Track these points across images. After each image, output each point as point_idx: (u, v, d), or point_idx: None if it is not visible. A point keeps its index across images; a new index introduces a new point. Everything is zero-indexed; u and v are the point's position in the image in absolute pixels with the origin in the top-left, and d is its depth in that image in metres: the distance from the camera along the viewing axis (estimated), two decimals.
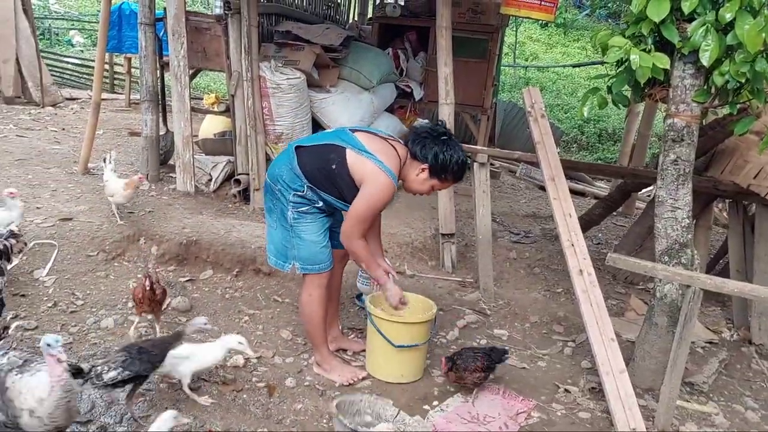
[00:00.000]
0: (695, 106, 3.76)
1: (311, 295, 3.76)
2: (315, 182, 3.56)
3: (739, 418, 3.96)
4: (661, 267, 3.64)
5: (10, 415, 2.43)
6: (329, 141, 3.58)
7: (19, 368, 2.51)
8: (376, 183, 3.44)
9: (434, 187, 3.68)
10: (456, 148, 3.58)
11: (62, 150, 6.98)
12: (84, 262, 4.58)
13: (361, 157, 3.46)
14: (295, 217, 3.61)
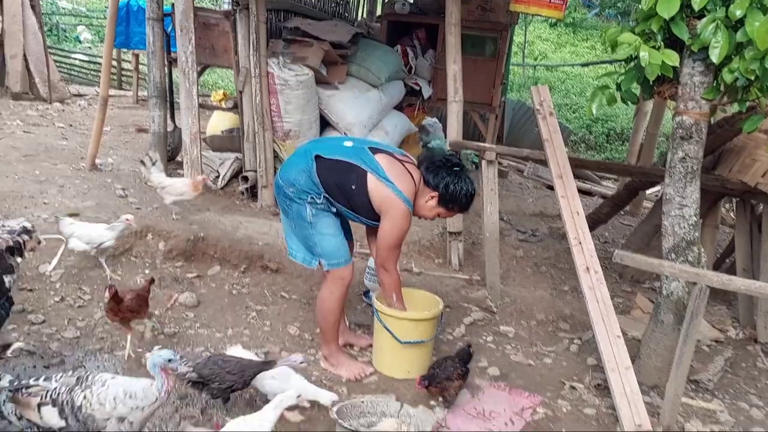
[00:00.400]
0: (704, 103, 3.75)
1: (332, 293, 3.80)
2: (331, 194, 3.66)
3: (744, 415, 3.96)
4: (668, 264, 3.64)
5: (90, 429, 2.52)
6: (351, 160, 3.64)
7: (79, 385, 2.59)
8: (396, 213, 3.60)
9: (440, 215, 3.83)
10: (467, 180, 3.73)
11: (69, 146, 7.02)
12: (91, 257, 4.59)
13: (381, 185, 3.58)
14: (314, 213, 3.67)
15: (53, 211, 4.98)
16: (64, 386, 2.58)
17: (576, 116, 16.07)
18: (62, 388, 2.57)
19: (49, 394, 2.54)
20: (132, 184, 6.10)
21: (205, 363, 3.18)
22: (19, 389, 2.56)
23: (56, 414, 2.51)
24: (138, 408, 2.58)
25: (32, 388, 2.56)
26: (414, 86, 8.35)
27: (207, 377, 3.11)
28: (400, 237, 3.69)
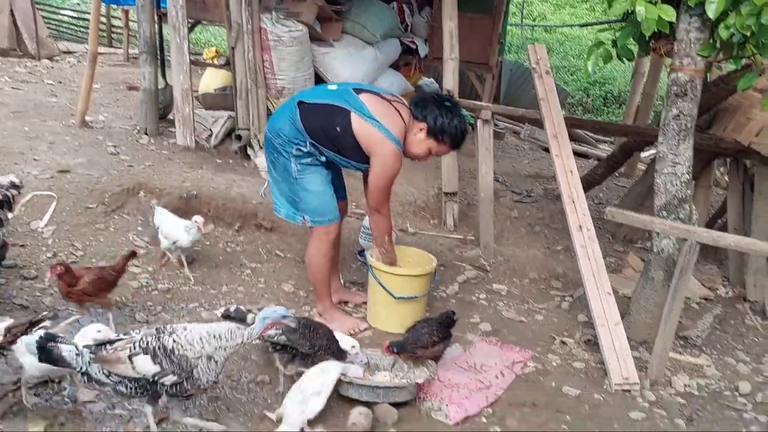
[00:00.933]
0: (700, 60, 3.73)
1: (319, 249, 3.79)
2: (317, 140, 3.57)
3: (731, 370, 4.03)
4: (659, 221, 3.66)
5: (184, 369, 2.58)
6: (334, 102, 3.55)
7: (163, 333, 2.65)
8: (386, 154, 3.51)
9: (431, 150, 3.67)
10: (458, 115, 3.60)
11: (59, 103, 6.94)
12: (83, 214, 4.59)
13: (366, 124, 3.48)
14: (299, 169, 3.61)
15: (44, 167, 4.95)
16: (149, 336, 2.63)
17: (574, 78, 15.94)
18: (148, 338, 2.62)
19: (137, 344, 2.58)
20: (124, 141, 6.05)
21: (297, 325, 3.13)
22: (100, 346, 2.59)
23: (150, 361, 2.56)
24: (221, 348, 2.65)
25: (116, 344, 2.60)
26: (410, 45, 8.21)
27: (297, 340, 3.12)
28: (390, 177, 3.59)
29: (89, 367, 2.55)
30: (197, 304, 3.90)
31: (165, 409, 2.77)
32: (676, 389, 3.69)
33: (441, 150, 3.71)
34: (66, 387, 2.92)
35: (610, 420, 3.33)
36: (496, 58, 8.97)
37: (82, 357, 2.54)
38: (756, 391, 3.79)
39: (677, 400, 3.60)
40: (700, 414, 3.51)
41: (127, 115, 7.01)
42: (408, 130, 3.59)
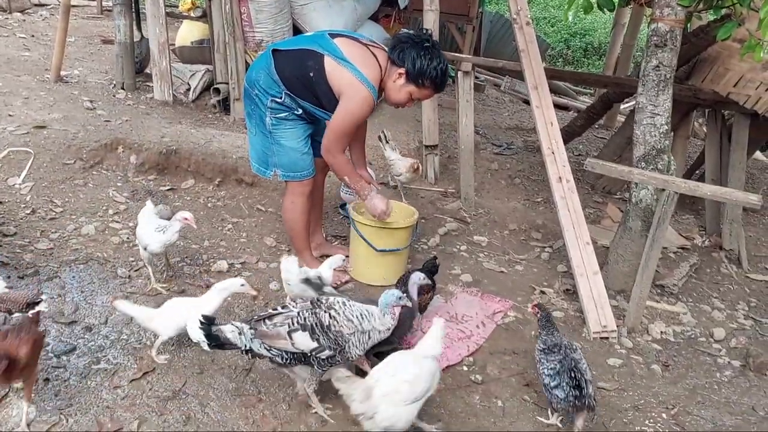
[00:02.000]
0: (680, 9, 3.72)
1: (294, 203, 3.77)
2: (293, 89, 3.48)
3: (706, 317, 4.14)
4: (637, 171, 3.70)
5: (340, 344, 2.62)
6: (307, 46, 3.46)
7: (319, 308, 2.67)
8: (355, 96, 3.36)
9: (413, 96, 3.54)
10: (437, 55, 3.43)
11: (32, 57, 6.77)
12: (61, 170, 4.53)
13: (339, 66, 3.36)
14: (274, 123, 3.56)
15: (19, 123, 4.86)
16: (306, 311, 2.65)
17: (554, 30, 15.82)
18: (305, 313, 2.63)
19: (295, 320, 2.60)
20: (100, 96, 5.95)
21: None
22: (260, 321, 2.62)
23: (308, 336, 2.58)
24: (375, 330, 2.71)
25: (275, 318, 2.62)
26: None
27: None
28: (353, 122, 3.44)
29: (251, 343, 2.58)
30: (179, 259, 3.90)
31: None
32: (652, 336, 3.80)
33: (423, 94, 3.57)
34: (50, 343, 2.92)
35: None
36: (476, 10, 8.89)
37: (244, 335, 2.57)
38: (730, 337, 3.91)
39: (654, 347, 3.70)
40: (676, 359, 3.62)
41: (102, 69, 6.86)
42: (386, 75, 3.48)
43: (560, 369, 2.81)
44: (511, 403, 3.04)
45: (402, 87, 3.48)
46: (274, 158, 3.65)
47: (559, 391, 2.78)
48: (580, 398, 2.74)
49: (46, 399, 2.60)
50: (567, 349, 2.91)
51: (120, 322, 3.15)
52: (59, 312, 3.16)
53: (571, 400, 2.75)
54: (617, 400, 3.18)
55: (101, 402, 2.64)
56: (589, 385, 2.76)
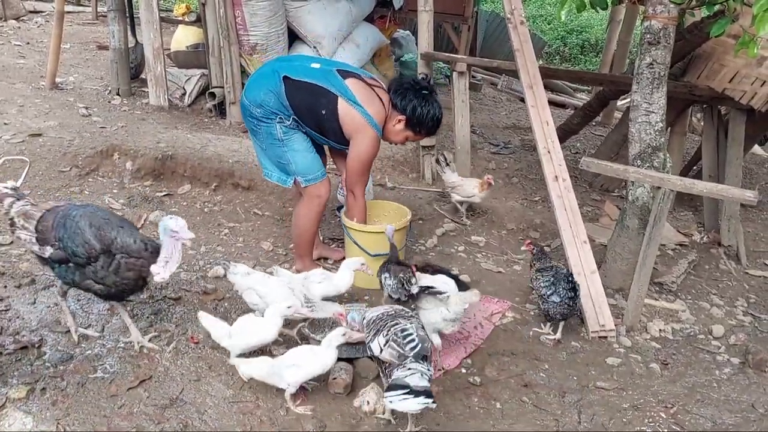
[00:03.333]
0: (672, 7, 3.71)
1: (310, 210, 3.84)
2: (301, 117, 3.63)
3: (705, 314, 4.13)
4: (633, 169, 3.69)
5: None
6: (321, 84, 3.58)
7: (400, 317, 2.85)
8: (365, 138, 3.61)
9: (408, 138, 3.84)
10: (434, 104, 3.73)
11: (28, 65, 6.77)
12: (57, 177, 4.53)
13: (351, 109, 3.58)
14: (284, 131, 3.64)
15: (15, 131, 4.86)
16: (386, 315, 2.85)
17: (551, 28, 15.81)
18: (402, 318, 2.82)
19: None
20: (95, 102, 5.95)
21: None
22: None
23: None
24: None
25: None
26: None
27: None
28: (368, 162, 3.73)
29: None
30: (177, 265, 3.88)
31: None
32: (651, 334, 3.78)
33: (417, 138, 3.91)
34: (46, 352, 2.92)
35: (587, 366, 3.41)
36: (471, 9, 8.87)
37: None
38: (729, 334, 3.90)
39: (653, 345, 3.69)
40: (675, 358, 3.60)
41: (97, 75, 6.86)
42: (388, 118, 3.72)
43: (554, 280, 3.44)
44: (509, 405, 3.04)
45: (401, 131, 3.78)
46: (291, 166, 3.74)
47: (555, 297, 3.40)
48: (573, 300, 3.40)
49: (43, 408, 2.60)
50: (558, 269, 3.54)
51: (117, 331, 3.15)
52: (56, 321, 3.16)
53: (566, 302, 3.38)
54: (616, 399, 3.17)
55: (99, 411, 2.63)
56: (579, 294, 3.46)
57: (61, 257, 2.84)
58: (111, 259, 2.82)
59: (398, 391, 2.49)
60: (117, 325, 3.18)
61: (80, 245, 2.78)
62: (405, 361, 2.61)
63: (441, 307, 3.09)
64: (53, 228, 2.86)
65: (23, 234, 2.94)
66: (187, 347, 3.10)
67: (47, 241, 2.85)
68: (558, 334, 3.57)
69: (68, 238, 2.80)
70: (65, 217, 2.87)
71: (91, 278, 2.85)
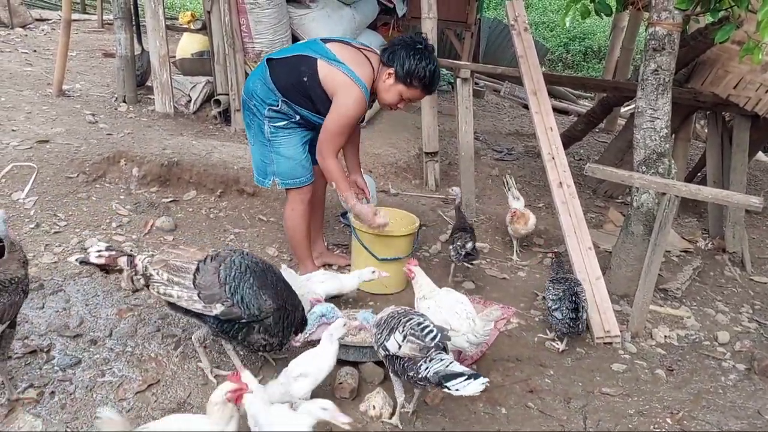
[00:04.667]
0: (677, 13, 3.73)
1: (294, 210, 3.80)
2: (289, 96, 3.51)
3: (710, 320, 4.13)
4: (638, 176, 3.70)
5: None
6: (300, 52, 3.50)
7: (411, 314, 2.76)
8: (347, 95, 3.40)
9: (402, 96, 3.55)
10: (427, 56, 3.45)
11: (35, 72, 6.80)
12: (64, 183, 4.55)
13: (332, 68, 3.40)
14: (272, 131, 3.60)
15: (22, 138, 4.89)
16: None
17: (553, 34, 15.86)
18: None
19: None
20: (102, 109, 5.97)
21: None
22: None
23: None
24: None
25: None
26: (387, 4, 8.13)
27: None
28: (347, 122, 3.46)
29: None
30: None
31: None
32: (656, 341, 3.79)
33: (413, 95, 3.57)
34: (55, 356, 2.94)
35: (592, 372, 3.42)
36: (474, 16, 8.91)
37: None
38: (734, 341, 3.90)
39: (658, 351, 3.70)
40: (680, 364, 3.61)
41: (104, 82, 6.89)
42: (377, 77, 3.52)
43: (562, 296, 3.48)
44: (515, 411, 3.04)
45: (391, 87, 3.52)
46: (272, 166, 3.69)
47: (558, 313, 3.46)
48: (575, 321, 3.42)
49: (52, 412, 2.61)
50: (572, 283, 3.57)
51: (125, 335, 3.17)
52: (64, 325, 3.17)
53: (567, 321, 3.43)
54: (621, 405, 3.17)
55: None
56: (583, 313, 3.46)
57: (236, 315, 2.69)
58: (282, 314, 2.78)
59: (458, 378, 2.44)
60: (125, 329, 3.20)
61: (261, 304, 2.70)
62: (430, 353, 2.56)
63: (468, 334, 3.01)
64: (223, 283, 2.68)
65: (174, 291, 2.71)
66: (194, 352, 3.10)
67: (215, 298, 2.68)
68: (562, 345, 3.57)
69: (251, 296, 2.68)
70: (232, 269, 2.71)
71: (262, 333, 2.76)
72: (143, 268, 2.79)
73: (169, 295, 2.73)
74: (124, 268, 2.80)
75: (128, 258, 2.82)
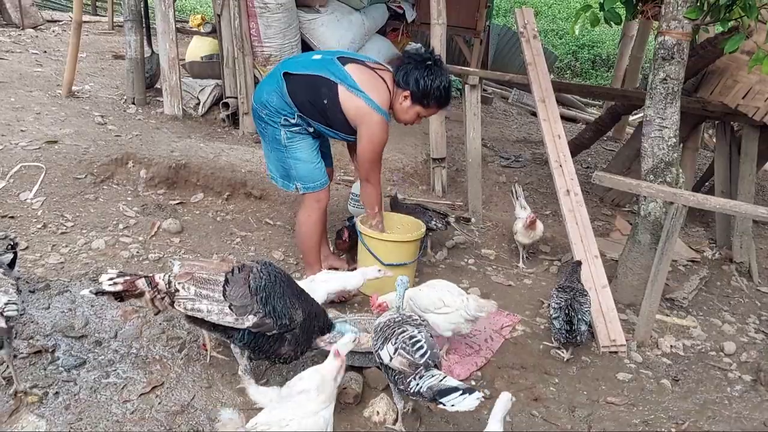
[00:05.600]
0: (687, 23, 3.72)
1: (309, 217, 3.82)
2: (305, 112, 3.58)
3: (716, 330, 4.11)
4: (646, 184, 3.69)
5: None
6: (320, 73, 3.54)
7: (407, 324, 2.76)
8: (371, 124, 3.51)
9: (420, 115, 3.69)
10: (440, 73, 3.54)
11: (45, 73, 6.84)
12: (72, 184, 4.57)
13: (352, 96, 3.49)
14: (289, 136, 3.63)
15: (31, 138, 4.91)
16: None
17: (562, 42, 15.84)
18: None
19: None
20: (111, 111, 6.00)
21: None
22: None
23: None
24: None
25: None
26: (397, 9, 8.15)
27: None
28: (377, 148, 3.61)
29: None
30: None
31: None
32: (662, 350, 3.77)
33: (430, 112, 3.71)
34: (60, 357, 2.94)
35: (597, 381, 3.40)
36: (484, 23, 8.92)
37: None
38: (741, 351, 3.88)
39: (664, 361, 3.68)
40: (686, 374, 3.59)
41: (113, 84, 6.92)
42: (394, 98, 3.60)
43: (563, 305, 3.49)
44: (519, 418, 3.03)
45: (409, 108, 3.63)
46: (293, 172, 3.72)
47: (556, 322, 3.48)
48: (570, 332, 3.43)
49: (56, 413, 2.62)
50: (576, 293, 3.56)
51: (130, 337, 3.17)
52: (69, 326, 3.18)
53: (563, 332, 3.45)
54: (626, 415, 3.15)
55: (111, 416, 2.65)
56: (581, 324, 3.44)
57: (267, 327, 2.65)
58: (308, 324, 2.77)
59: (453, 393, 2.43)
60: (130, 331, 3.21)
61: (292, 314, 2.69)
62: (419, 370, 2.54)
63: (461, 310, 3.19)
64: (254, 293, 2.64)
65: (203, 305, 2.62)
66: (199, 354, 3.11)
67: (247, 310, 2.62)
68: (567, 354, 3.56)
69: (282, 306, 2.66)
70: (262, 279, 2.68)
71: (291, 345, 2.74)
72: (166, 284, 2.65)
73: (198, 309, 2.62)
74: (145, 290, 2.65)
75: (146, 279, 2.68)
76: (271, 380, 3.01)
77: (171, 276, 2.68)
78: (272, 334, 2.67)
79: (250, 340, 2.69)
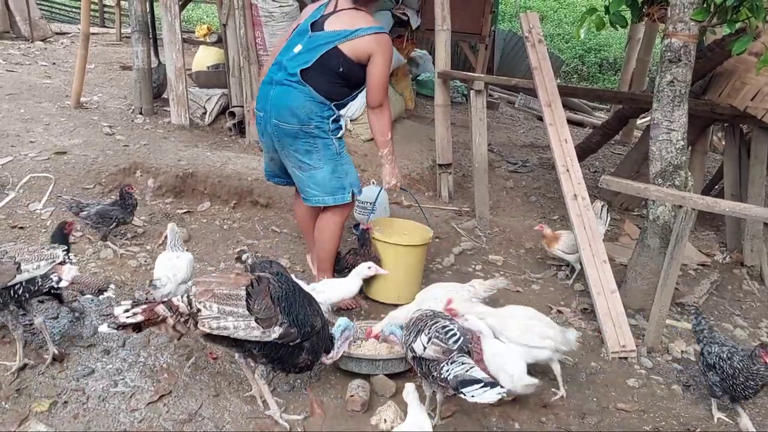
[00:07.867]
0: (693, 25, 3.70)
1: (336, 223, 3.78)
2: (337, 96, 3.56)
3: (728, 335, 4.06)
4: (654, 188, 3.66)
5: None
6: (318, 52, 3.46)
7: (439, 317, 2.84)
8: (382, 44, 3.48)
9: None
10: None
11: (53, 84, 6.90)
12: (81, 194, 4.59)
13: (352, 42, 3.45)
14: (340, 144, 3.64)
15: (40, 149, 4.95)
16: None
17: (569, 46, 15.84)
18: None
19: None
20: (119, 121, 6.03)
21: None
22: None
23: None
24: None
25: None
26: (402, 16, 8.14)
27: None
28: (389, 66, 3.61)
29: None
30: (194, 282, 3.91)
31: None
32: (673, 355, 3.73)
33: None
34: (68, 366, 2.95)
35: (607, 387, 3.37)
36: (489, 28, 8.92)
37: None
38: None
39: (674, 367, 3.64)
40: (697, 380, 3.54)
41: (121, 94, 6.97)
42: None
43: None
44: (528, 426, 3.00)
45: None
46: (347, 179, 3.67)
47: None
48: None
49: (65, 422, 2.62)
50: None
51: (137, 345, 3.17)
52: (78, 335, 3.19)
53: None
54: (637, 421, 3.12)
55: (119, 425, 2.65)
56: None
57: (292, 337, 2.61)
58: (323, 331, 2.78)
59: (475, 385, 2.47)
60: (137, 339, 3.21)
61: (312, 321, 2.68)
62: (452, 355, 2.61)
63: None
64: (277, 303, 2.59)
65: (229, 322, 2.51)
66: (206, 363, 3.11)
67: (273, 322, 2.57)
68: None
69: (303, 314, 2.63)
70: (281, 287, 2.65)
71: (309, 354, 2.71)
72: (187, 306, 2.53)
73: (225, 327, 2.51)
74: (167, 316, 2.51)
75: (165, 304, 2.54)
76: (278, 387, 3.00)
77: (191, 295, 2.57)
78: (295, 343, 2.65)
79: (272, 351, 2.64)
